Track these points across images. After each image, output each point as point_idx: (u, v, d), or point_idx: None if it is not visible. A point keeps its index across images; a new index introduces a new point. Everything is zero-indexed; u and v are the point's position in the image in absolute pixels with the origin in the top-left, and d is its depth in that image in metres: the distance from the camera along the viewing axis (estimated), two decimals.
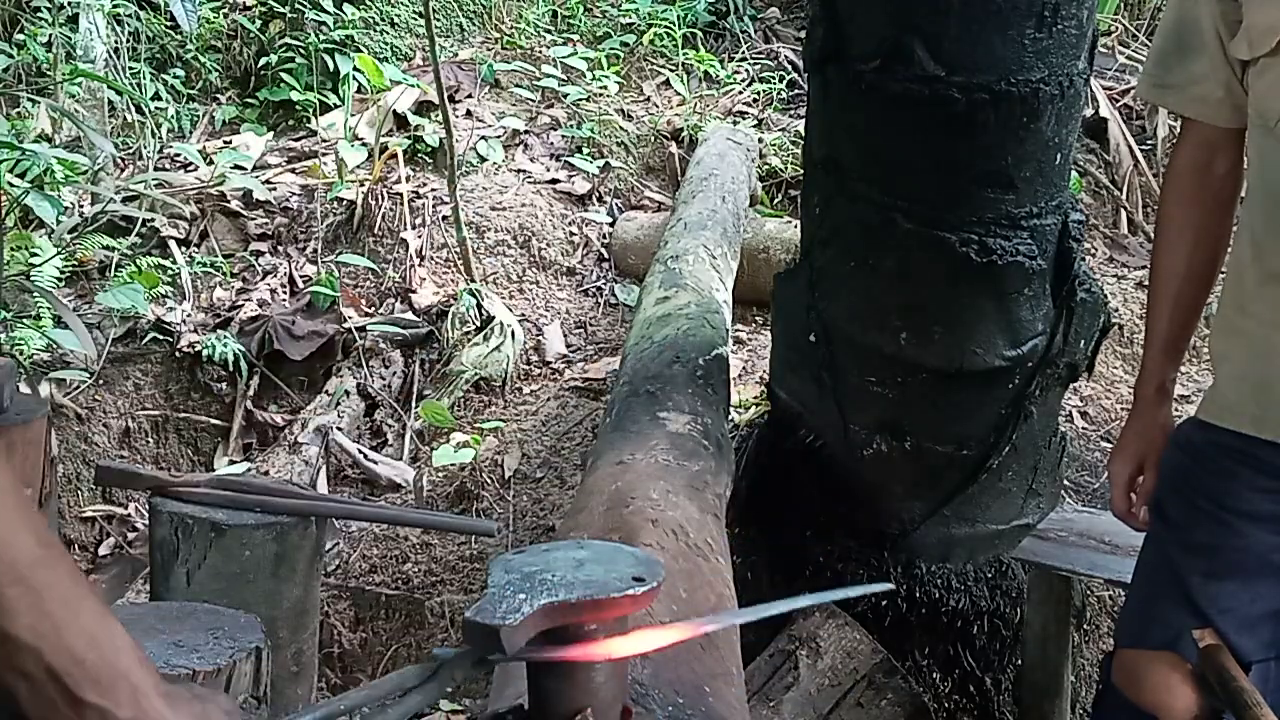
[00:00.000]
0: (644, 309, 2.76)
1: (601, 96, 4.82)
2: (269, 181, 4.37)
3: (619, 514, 1.65)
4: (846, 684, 2.20)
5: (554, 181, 4.42)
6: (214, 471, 3.34)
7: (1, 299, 3.52)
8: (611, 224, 4.29)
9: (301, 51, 4.72)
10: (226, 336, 3.81)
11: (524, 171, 4.46)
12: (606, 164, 4.48)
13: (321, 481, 3.41)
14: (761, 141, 4.44)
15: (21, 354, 3.59)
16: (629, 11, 5.26)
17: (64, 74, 4.33)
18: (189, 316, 3.98)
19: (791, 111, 4.78)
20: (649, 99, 4.90)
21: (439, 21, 5.06)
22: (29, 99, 4.42)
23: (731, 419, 2.66)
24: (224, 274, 4.12)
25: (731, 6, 5.35)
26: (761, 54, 5.23)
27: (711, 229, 3.27)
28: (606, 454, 1.95)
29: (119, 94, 4.45)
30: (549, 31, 5.25)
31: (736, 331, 3.67)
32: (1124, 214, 4.32)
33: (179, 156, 4.46)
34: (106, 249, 4.04)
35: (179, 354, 3.87)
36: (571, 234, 4.24)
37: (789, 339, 2.30)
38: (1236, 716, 1.44)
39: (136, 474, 1.85)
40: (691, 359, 2.34)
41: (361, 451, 3.50)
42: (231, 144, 4.57)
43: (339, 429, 3.55)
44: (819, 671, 2.19)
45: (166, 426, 3.84)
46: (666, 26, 5.08)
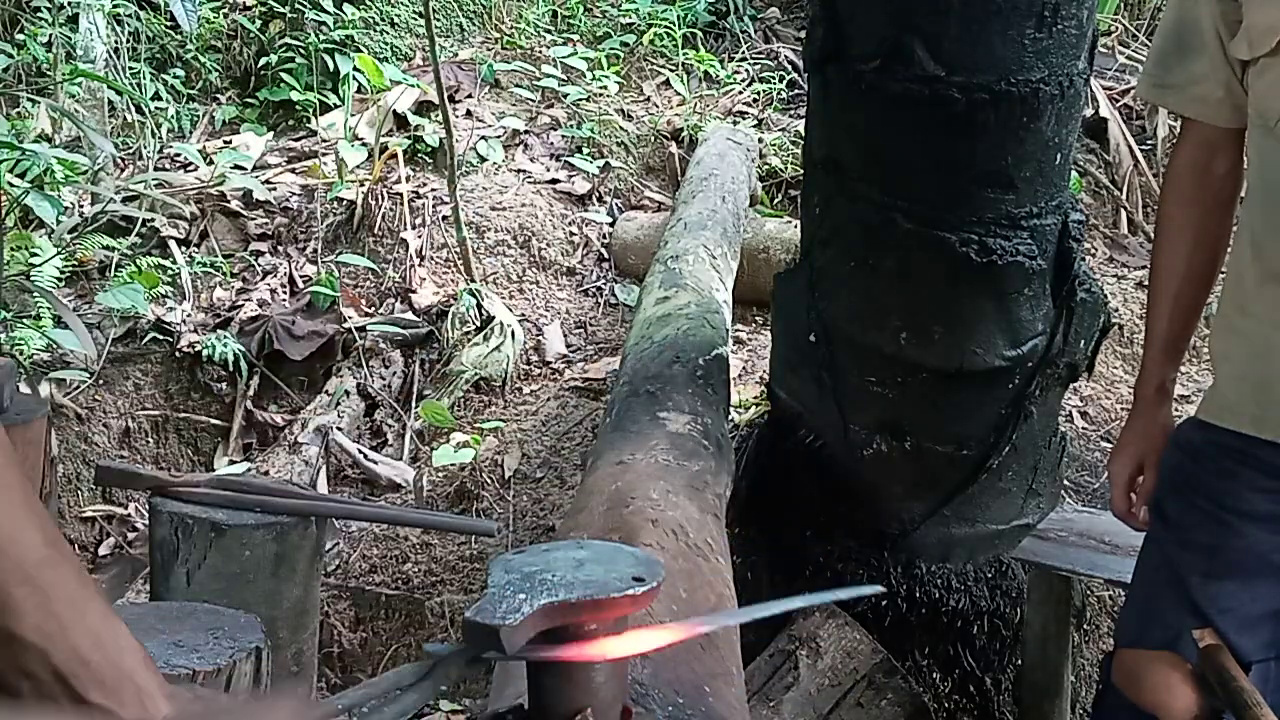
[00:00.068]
0: (644, 309, 2.76)
1: (601, 96, 4.82)
2: (269, 181, 4.37)
3: (619, 514, 1.64)
4: (846, 684, 2.20)
5: (554, 181, 4.42)
6: (214, 471, 3.34)
7: (1, 299, 3.52)
8: (611, 224, 4.28)
9: (301, 51, 4.72)
10: (226, 336, 3.81)
11: (524, 171, 4.46)
12: (606, 164, 4.48)
13: (321, 481, 3.41)
14: (761, 141, 4.44)
15: (21, 354, 3.58)
16: (629, 11, 5.26)
17: (64, 74, 4.33)
18: (189, 316, 3.97)
19: (791, 111, 4.78)
20: (649, 99, 4.90)
21: (439, 21, 5.06)
22: (29, 99, 4.42)
23: (731, 419, 2.66)
24: (224, 274, 4.12)
25: (731, 6, 5.35)
26: (761, 54, 5.23)
27: (711, 229, 3.26)
28: (606, 454, 1.95)
29: (119, 94, 4.45)
30: (549, 31, 5.24)
31: (736, 331, 3.67)
32: (1124, 214, 4.32)
33: (179, 156, 4.46)
34: (106, 249, 4.04)
35: (179, 354, 3.86)
36: (571, 234, 4.24)
37: (789, 339, 2.30)
38: (1236, 716, 1.44)
39: (136, 474, 1.85)
40: (691, 359, 2.34)
41: (361, 451, 3.50)
42: (231, 144, 4.57)
43: (339, 429, 3.55)
44: (819, 671, 2.19)
45: (166, 426, 3.84)
46: (666, 26, 5.08)
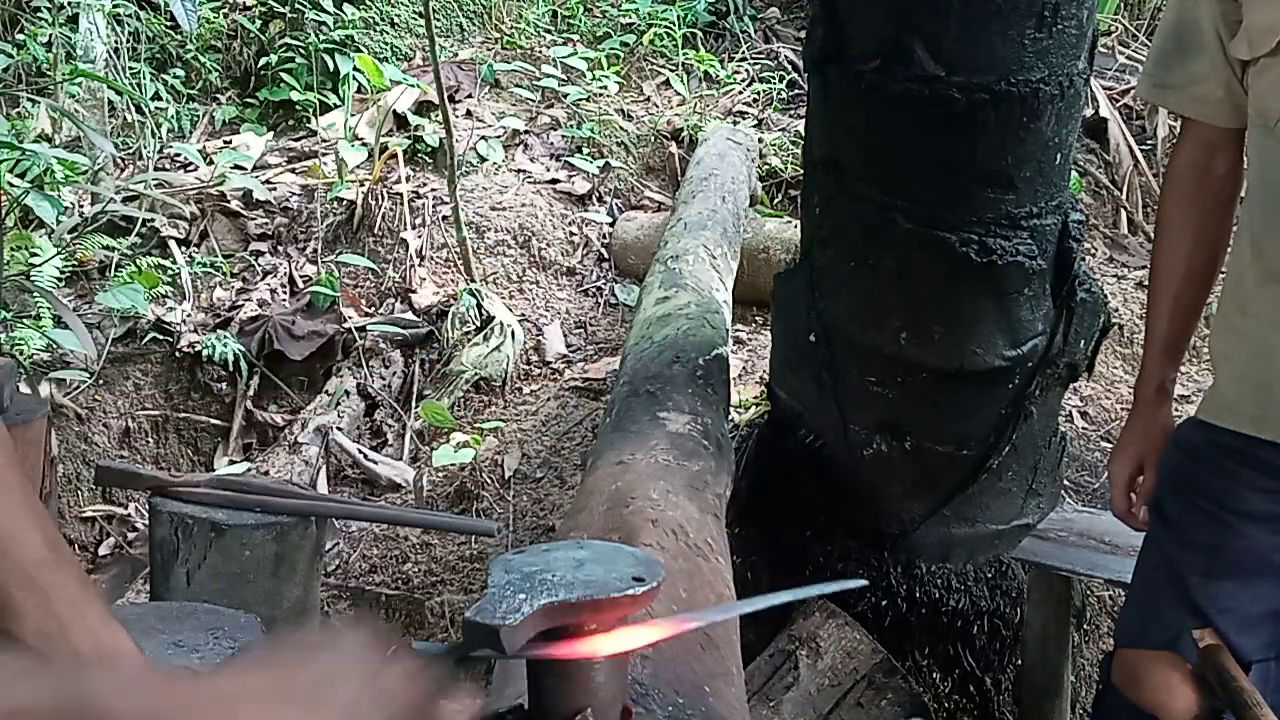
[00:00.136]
0: (644, 309, 2.76)
1: (601, 96, 4.82)
2: (269, 181, 4.37)
3: (619, 514, 1.64)
4: (846, 684, 2.20)
5: (554, 181, 4.42)
6: (214, 471, 3.34)
7: (1, 299, 3.52)
8: (611, 224, 4.28)
9: (301, 51, 4.72)
10: (226, 336, 3.81)
11: (524, 171, 4.46)
12: (606, 164, 4.48)
13: (321, 481, 3.41)
14: (761, 141, 4.44)
15: (21, 354, 3.58)
16: (629, 11, 5.26)
17: (64, 74, 4.33)
18: (189, 316, 3.97)
19: (791, 111, 4.78)
20: (649, 99, 4.90)
21: (439, 21, 5.06)
22: (29, 99, 4.42)
23: (731, 419, 2.66)
24: (224, 274, 4.12)
25: (731, 6, 5.35)
26: (761, 54, 5.23)
27: (711, 229, 3.26)
28: (606, 454, 1.95)
29: (119, 94, 4.45)
30: (549, 31, 5.25)
31: (736, 331, 3.67)
32: (1124, 214, 4.32)
33: (179, 156, 4.46)
34: (106, 249, 4.04)
35: (179, 354, 3.86)
36: (571, 234, 4.24)
37: (789, 339, 2.30)
38: (1236, 716, 1.44)
39: (136, 474, 1.85)
40: (691, 359, 2.34)
41: (361, 451, 3.50)
42: (231, 144, 4.57)
43: (339, 429, 3.55)
44: (819, 671, 2.18)
45: (166, 426, 3.84)
46: (666, 26, 5.08)
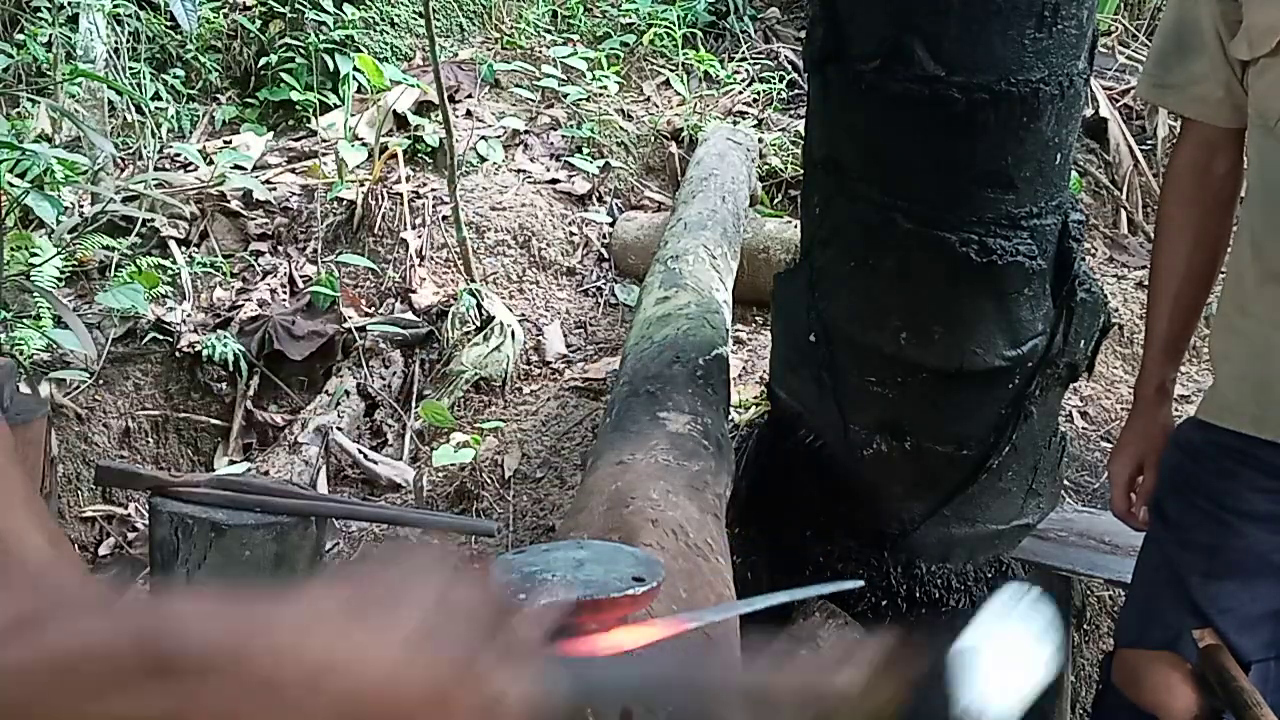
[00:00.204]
0: (644, 309, 2.76)
1: (601, 96, 4.82)
2: (269, 181, 4.37)
3: (619, 514, 1.64)
4: None
5: (554, 181, 4.42)
6: (214, 471, 3.34)
7: (1, 299, 3.52)
8: (611, 224, 4.28)
9: (301, 51, 4.73)
10: (226, 336, 3.81)
11: (524, 171, 4.46)
12: (606, 164, 4.48)
13: (321, 481, 3.41)
14: (761, 141, 4.44)
15: (21, 354, 3.58)
16: (629, 11, 5.26)
17: (64, 74, 4.33)
18: (189, 316, 3.97)
19: (791, 111, 4.78)
20: (649, 99, 4.90)
21: (439, 21, 5.06)
22: (29, 99, 4.42)
23: (731, 419, 2.65)
24: (224, 274, 4.12)
25: (731, 6, 5.35)
26: (761, 54, 5.23)
27: (711, 229, 3.26)
28: (606, 454, 1.95)
29: (119, 94, 4.45)
30: (549, 31, 5.25)
31: (736, 331, 3.67)
32: (1124, 214, 4.32)
33: (179, 156, 4.46)
34: (106, 249, 4.04)
35: (179, 354, 3.86)
36: (571, 234, 4.24)
37: (789, 339, 2.30)
38: (1236, 716, 1.44)
39: (136, 474, 1.85)
40: (691, 359, 2.34)
41: (361, 451, 3.50)
42: (231, 144, 4.57)
43: (339, 429, 3.55)
44: None
45: (166, 426, 3.84)
46: (666, 26, 5.08)
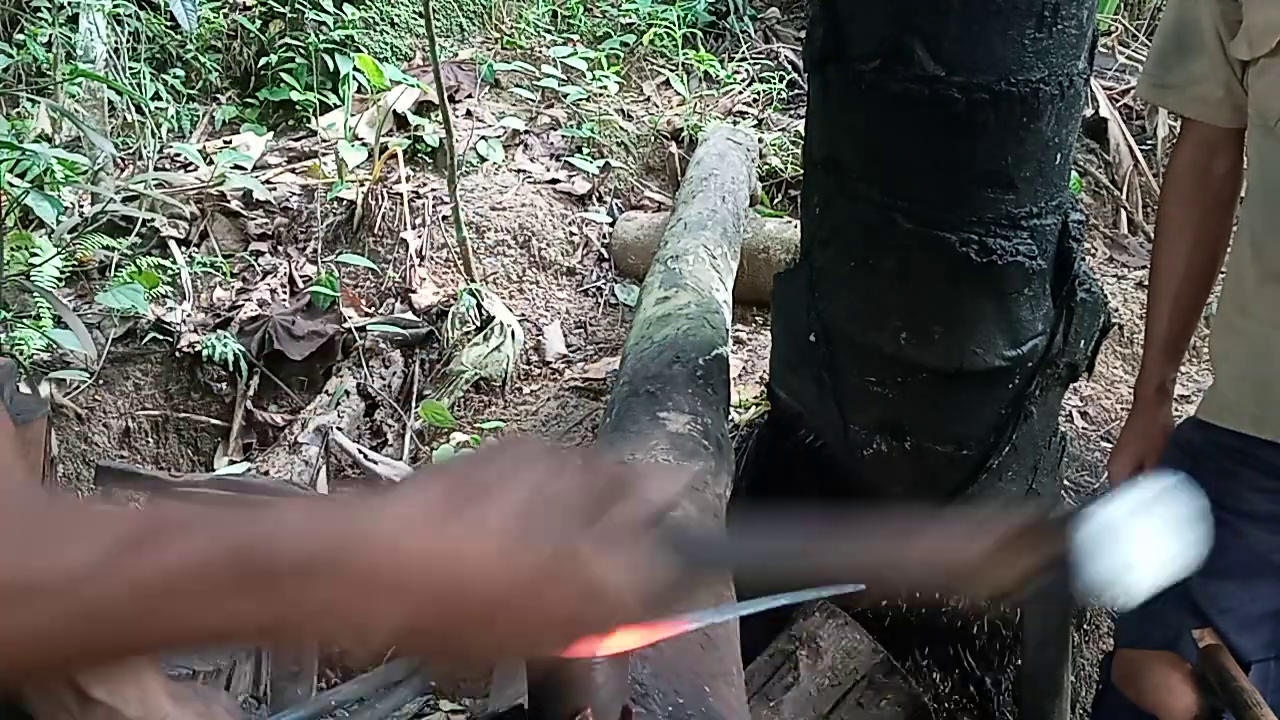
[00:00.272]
0: (644, 309, 2.76)
1: (601, 96, 4.82)
2: (269, 181, 4.37)
3: None
4: (846, 684, 2.20)
5: (554, 181, 4.42)
6: (214, 471, 3.34)
7: (1, 299, 3.52)
8: (611, 224, 4.28)
9: (301, 51, 4.72)
10: (226, 336, 3.81)
11: (524, 171, 4.46)
12: (606, 164, 4.48)
13: (321, 481, 3.41)
14: (761, 141, 4.44)
15: (21, 354, 3.58)
16: (629, 11, 5.26)
17: (64, 74, 4.33)
18: (189, 316, 3.97)
19: (791, 111, 4.78)
20: (649, 99, 4.90)
21: (439, 21, 5.06)
22: (29, 99, 4.42)
23: (731, 419, 2.65)
24: (224, 274, 4.12)
25: (731, 6, 5.35)
26: (761, 54, 5.23)
27: (711, 229, 3.26)
28: (606, 454, 1.95)
29: (119, 94, 4.45)
30: (549, 31, 5.25)
31: (736, 331, 3.67)
32: (1124, 214, 4.32)
33: (179, 156, 4.46)
34: (106, 249, 4.04)
35: (179, 354, 3.86)
36: (571, 234, 4.24)
37: (789, 339, 2.30)
38: (1236, 716, 1.44)
39: (136, 474, 1.85)
40: (691, 359, 2.34)
41: (361, 451, 3.50)
42: (231, 144, 4.57)
43: (339, 429, 3.55)
44: (819, 671, 2.18)
45: (166, 426, 3.84)
46: (666, 26, 5.08)
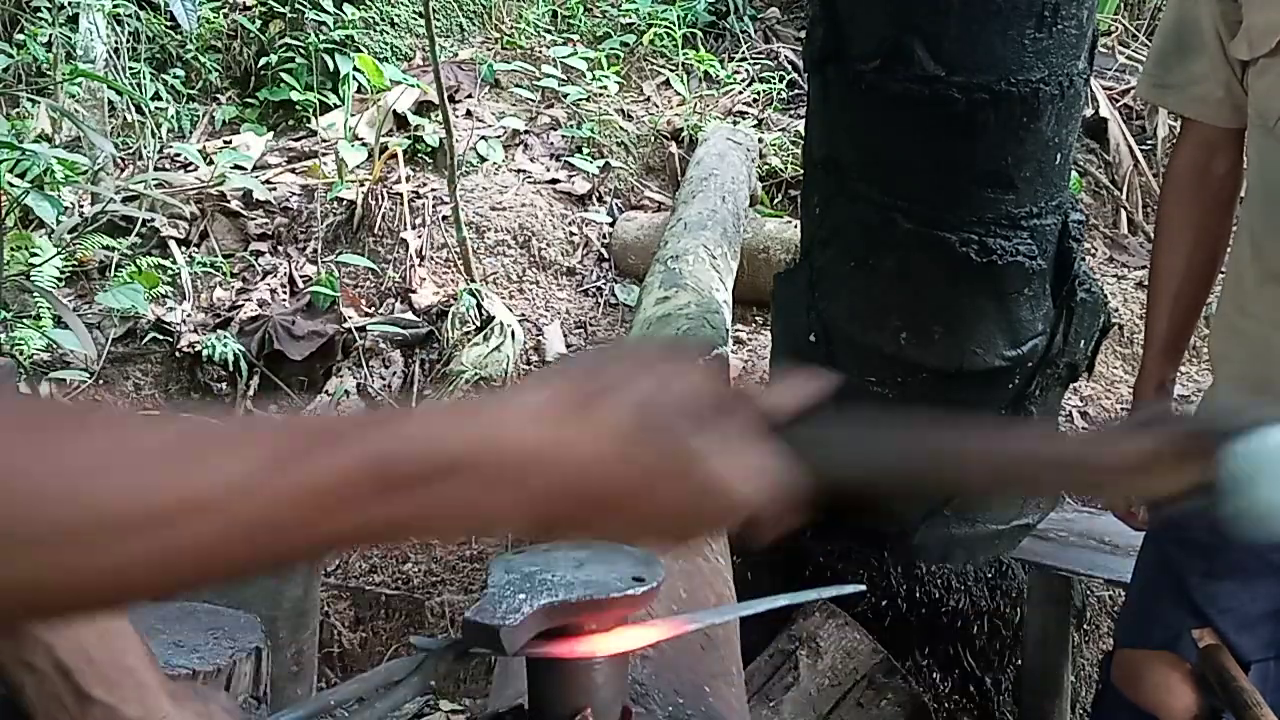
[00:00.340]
0: (644, 309, 2.76)
1: (601, 96, 4.82)
2: (269, 181, 4.37)
3: None
4: (846, 684, 2.20)
5: (554, 181, 4.42)
6: None
7: (1, 299, 3.52)
8: (611, 224, 4.28)
9: (301, 51, 4.72)
10: (226, 336, 3.81)
11: (524, 171, 4.46)
12: (606, 164, 4.48)
13: None
14: (761, 141, 4.44)
15: (21, 354, 3.58)
16: (629, 11, 5.25)
17: (64, 74, 4.33)
18: (189, 316, 3.97)
19: (791, 111, 4.78)
20: (649, 99, 4.90)
21: (439, 21, 5.06)
22: (29, 99, 4.42)
23: None
24: (224, 274, 4.12)
25: (731, 6, 5.35)
26: (761, 54, 5.23)
27: (711, 229, 3.26)
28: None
29: (119, 94, 4.45)
30: (549, 31, 5.24)
31: (736, 331, 3.67)
32: (1124, 214, 4.32)
33: (179, 156, 4.46)
34: (106, 249, 4.04)
35: (179, 354, 3.86)
36: (571, 234, 4.24)
37: (789, 339, 2.30)
38: (1236, 716, 1.44)
39: None
40: None
41: None
42: (231, 144, 4.57)
43: None
44: (819, 671, 2.18)
45: None
46: (666, 26, 5.08)
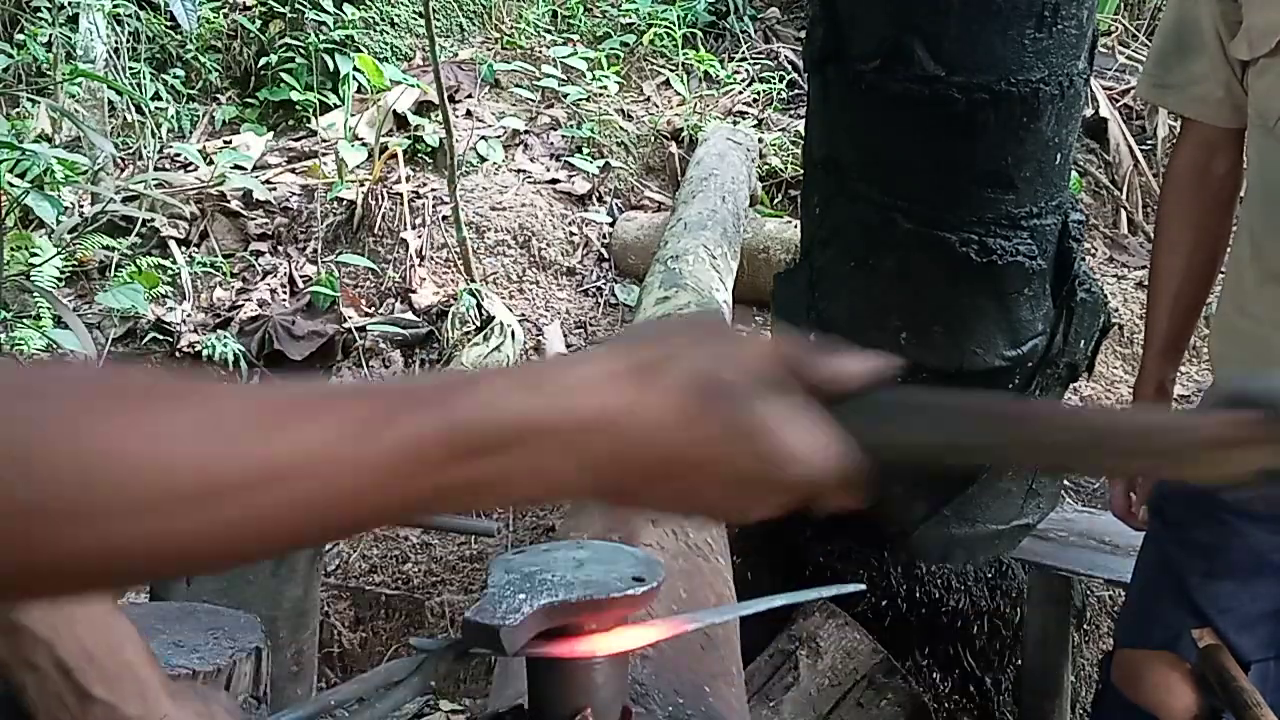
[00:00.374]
0: (644, 309, 2.76)
1: (601, 96, 4.82)
2: (269, 181, 4.37)
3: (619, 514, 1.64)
4: (846, 684, 2.20)
5: (554, 181, 4.42)
6: None
7: (1, 299, 3.52)
8: (611, 224, 4.28)
9: (301, 51, 4.72)
10: (226, 336, 3.81)
11: (524, 171, 4.46)
12: (606, 164, 4.48)
13: None
14: (761, 141, 4.44)
15: (21, 354, 3.58)
16: (629, 11, 5.26)
17: (64, 74, 4.33)
18: (189, 316, 3.97)
19: (791, 111, 4.78)
20: (649, 99, 4.90)
21: (439, 21, 5.06)
22: (29, 99, 4.42)
23: None
24: (224, 274, 4.12)
25: (731, 6, 5.35)
26: (761, 54, 5.23)
27: (711, 229, 3.27)
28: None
29: (119, 94, 4.45)
30: (549, 31, 5.25)
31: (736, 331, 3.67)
32: (1124, 214, 4.32)
33: (179, 156, 4.46)
34: (106, 249, 4.04)
35: (179, 354, 3.86)
36: (571, 234, 4.24)
37: None
38: (1236, 716, 1.44)
39: None
40: None
41: None
42: (231, 144, 4.57)
43: None
44: (819, 671, 2.18)
45: None
46: (666, 26, 5.08)
